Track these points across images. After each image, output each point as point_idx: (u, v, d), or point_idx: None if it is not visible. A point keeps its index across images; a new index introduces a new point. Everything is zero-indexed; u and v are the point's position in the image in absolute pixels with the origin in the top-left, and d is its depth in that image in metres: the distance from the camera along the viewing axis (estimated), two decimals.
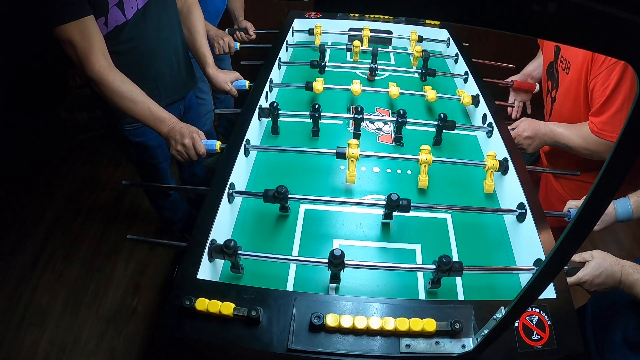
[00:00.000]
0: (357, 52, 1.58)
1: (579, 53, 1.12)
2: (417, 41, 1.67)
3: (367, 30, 1.69)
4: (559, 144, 1.20)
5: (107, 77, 1.08)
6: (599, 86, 1.07)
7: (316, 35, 1.70)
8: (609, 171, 0.36)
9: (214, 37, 1.72)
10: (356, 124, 1.23)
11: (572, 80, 1.17)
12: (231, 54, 1.77)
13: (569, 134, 1.17)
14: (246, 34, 1.90)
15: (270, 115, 1.23)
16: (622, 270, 0.85)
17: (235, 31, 1.90)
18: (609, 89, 1.04)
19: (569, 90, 1.20)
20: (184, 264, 0.80)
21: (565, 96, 1.24)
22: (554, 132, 1.20)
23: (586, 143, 1.13)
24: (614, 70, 1.02)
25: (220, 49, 1.72)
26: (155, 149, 1.45)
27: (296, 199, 1.00)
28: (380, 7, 0.30)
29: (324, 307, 0.74)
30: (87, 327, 1.76)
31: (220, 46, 1.71)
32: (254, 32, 1.90)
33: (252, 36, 1.90)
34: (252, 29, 1.90)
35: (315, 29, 1.70)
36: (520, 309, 0.54)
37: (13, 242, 2.10)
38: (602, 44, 0.29)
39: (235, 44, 1.75)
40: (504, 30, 0.29)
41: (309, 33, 1.74)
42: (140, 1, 1.18)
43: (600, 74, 1.06)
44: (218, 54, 1.73)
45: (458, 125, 1.22)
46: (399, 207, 0.91)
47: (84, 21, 1.03)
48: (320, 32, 1.70)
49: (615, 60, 1.01)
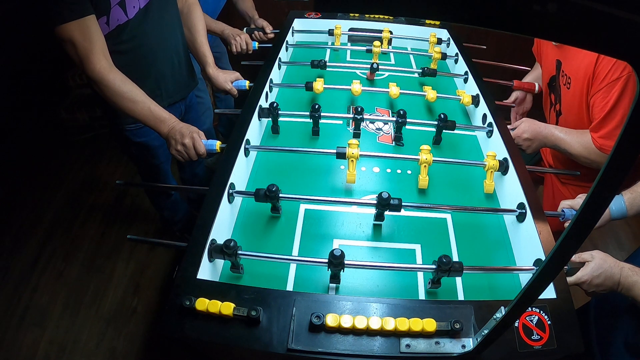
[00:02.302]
0: (377, 52, 1.57)
1: (580, 69, 1.12)
2: (436, 43, 1.66)
3: (387, 32, 1.67)
4: (559, 148, 1.20)
5: (107, 77, 1.07)
6: (599, 102, 1.08)
7: (336, 36, 1.69)
8: (608, 171, 0.36)
9: (230, 35, 1.70)
10: (356, 124, 1.23)
11: (574, 95, 1.17)
12: (249, 52, 1.74)
13: (570, 140, 1.17)
14: (264, 33, 1.87)
15: (270, 115, 1.23)
16: (622, 272, 0.85)
17: (253, 30, 1.87)
18: (609, 105, 1.05)
19: (572, 105, 1.21)
20: (184, 264, 0.80)
21: (569, 111, 1.24)
22: (555, 136, 1.19)
23: (587, 152, 1.13)
24: (615, 86, 1.03)
25: (238, 47, 1.69)
26: (156, 149, 1.45)
27: (296, 199, 1.00)
28: (380, 7, 0.30)
29: (324, 307, 0.74)
30: (87, 327, 1.76)
31: (238, 43, 1.69)
32: (271, 30, 1.87)
33: (270, 35, 1.87)
34: (269, 27, 1.87)
35: (335, 30, 1.69)
36: (520, 309, 0.54)
37: (13, 242, 2.09)
38: (602, 44, 0.29)
39: (254, 43, 1.73)
40: (504, 30, 0.29)
41: (329, 34, 1.73)
42: (142, 0, 1.18)
43: (601, 90, 1.06)
44: (235, 52, 1.70)
45: (458, 125, 1.22)
46: (390, 206, 0.91)
47: (85, 20, 1.03)
48: (340, 33, 1.69)
49: (617, 77, 1.02)
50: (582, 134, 1.15)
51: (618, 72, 1.02)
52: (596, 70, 1.06)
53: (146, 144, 1.42)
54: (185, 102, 1.51)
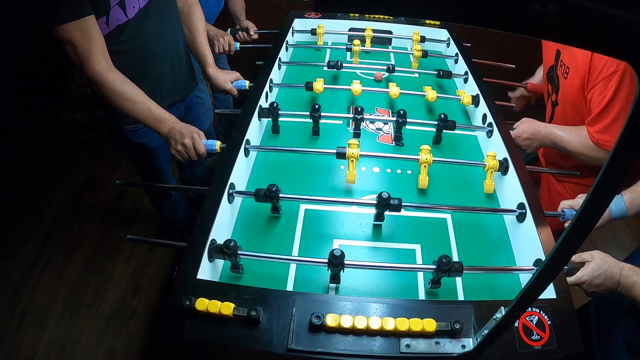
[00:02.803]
0: (357, 51, 1.57)
1: (577, 59, 1.12)
2: (419, 41, 1.67)
3: (370, 31, 1.68)
4: (558, 147, 1.21)
5: (107, 78, 1.07)
6: (596, 96, 1.08)
7: (319, 35, 1.69)
8: (608, 171, 0.36)
9: (214, 36, 1.72)
10: (356, 123, 1.23)
11: (572, 86, 1.17)
12: (231, 53, 1.77)
13: (569, 138, 1.17)
14: (248, 34, 1.89)
15: (270, 115, 1.23)
16: (622, 272, 0.85)
17: (237, 31, 1.90)
18: (606, 99, 1.05)
19: (569, 96, 1.21)
20: (184, 264, 0.80)
21: (565, 101, 1.24)
22: (554, 134, 1.20)
23: (586, 149, 1.14)
24: (611, 80, 1.03)
25: (220, 48, 1.72)
26: (156, 149, 1.45)
27: (296, 199, 1.00)
28: (380, 7, 0.30)
29: (324, 307, 0.74)
30: (87, 327, 1.76)
31: (220, 44, 1.71)
32: (255, 32, 1.90)
33: (253, 36, 1.90)
34: (253, 28, 1.90)
35: (318, 29, 1.69)
36: (520, 309, 0.54)
37: (13, 242, 2.10)
38: (602, 44, 0.29)
39: (236, 44, 1.75)
40: (504, 30, 0.29)
41: (312, 33, 1.74)
42: (142, 0, 1.18)
43: (598, 84, 1.06)
44: (218, 52, 1.72)
45: (458, 125, 1.22)
46: (390, 206, 0.91)
47: (84, 21, 1.03)
48: (322, 32, 1.69)
49: (613, 71, 1.02)
50: (579, 130, 1.16)
51: (614, 66, 1.02)
52: (592, 63, 1.06)
53: (146, 145, 1.42)
54: (185, 102, 1.51)
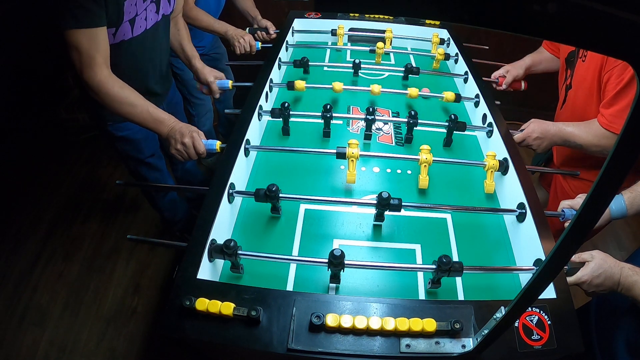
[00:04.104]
0: (380, 54, 1.57)
1: None
2: (439, 44, 1.66)
3: (390, 32, 1.67)
4: (569, 143, 1.20)
5: (107, 86, 1.09)
6: (613, 79, 1.07)
7: (339, 36, 1.68)
8: (609, 171, 0.36)
9: (233, 36, 1.69)
10: (367, 124, 1.22)
11: (588, 69, 1.16)
12: (252, 54, 1.74)
13: (579, 132, 1.17)
14: (267, 33, 1.86)
15: (281, 115, 1.23)
16: (622, 272, 0.85)
17: (255, 30, 1.86)
18: (623, 82, 1.04)
19: (585, 79, 1.20)
20: (184, 264, 0.80)
21: (580, 84, 1.23)
22: (564, 131, 1.19)
23: (597, 139, 1.13)
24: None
25: (242, 48, 1.69)
26: (140, 142, 1.45)
27: (296, 199, 1.00)
28: (380, 7, 0.30)
29: (324, 307, 0.74)
30: (87, 327, 1.76)
31: (241, 45, 1.68)
32: (274, 31, 1.87)
33: (272, 35, 1.87)
34: (272, 28, 1.87)
35: (338, 30, 1.68)
36: (520, 309, 0.54)
37: (13, 242, 2.09)
38: (602, 44, 0.29)
39: (257, 44, 1.72)
40: (504, 30, 0.29)
41: (332, 34, 1.73)
42: (150, 22, 1.22)
43: (617, 67, 1.05)
44: (239, 53, 1.70)
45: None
46: (390, 206, 0.91)
47: (96, 31, 1.04)
48: (342, 32, 1.68)
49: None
50: (589, 124, 1.15)
51: None
52: None
53: (128, 138, 1.42)
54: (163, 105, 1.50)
